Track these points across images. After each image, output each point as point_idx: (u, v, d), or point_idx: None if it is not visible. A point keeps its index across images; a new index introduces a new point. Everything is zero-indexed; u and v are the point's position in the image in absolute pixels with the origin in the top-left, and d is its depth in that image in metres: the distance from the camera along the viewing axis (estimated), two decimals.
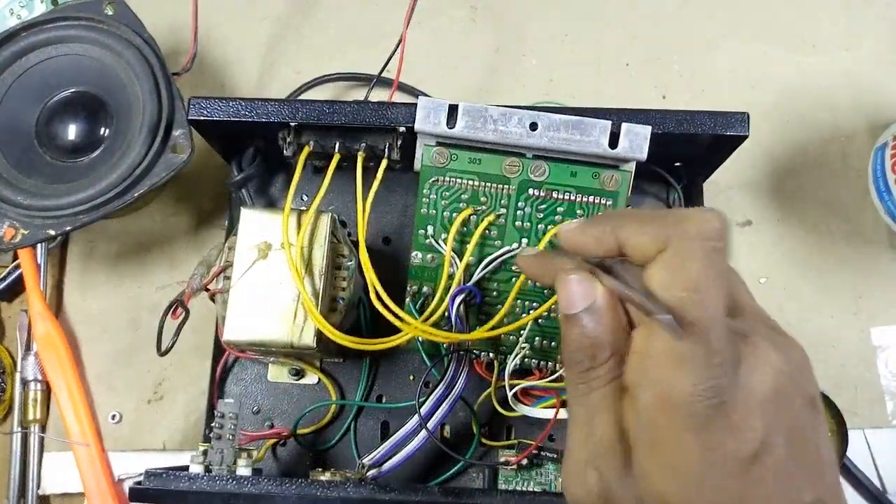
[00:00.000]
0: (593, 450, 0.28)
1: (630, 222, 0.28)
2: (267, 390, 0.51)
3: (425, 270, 0.46)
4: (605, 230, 0.29)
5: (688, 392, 0.25)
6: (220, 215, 0.55)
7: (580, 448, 0.28)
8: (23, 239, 0.47)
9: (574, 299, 0.29)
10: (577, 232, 0.30)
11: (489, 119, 0.42)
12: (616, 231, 0.28)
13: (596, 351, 0.28)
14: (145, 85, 0.48)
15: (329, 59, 0.59)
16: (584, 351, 0.28)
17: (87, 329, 0.54)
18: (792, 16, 0.59)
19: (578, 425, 0.29)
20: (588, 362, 0.28)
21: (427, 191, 0.44)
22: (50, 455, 0.52)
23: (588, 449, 0.28)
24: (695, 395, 0.25)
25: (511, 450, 0.48)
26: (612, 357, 0.28)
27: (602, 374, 0.28)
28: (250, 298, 0.43)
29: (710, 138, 0.44)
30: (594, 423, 0.28)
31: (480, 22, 0.60)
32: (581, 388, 0.29)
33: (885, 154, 0.53)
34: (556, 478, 0.47)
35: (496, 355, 0.46)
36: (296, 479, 0.41)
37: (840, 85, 0.58)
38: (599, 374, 0.28)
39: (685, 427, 0.25)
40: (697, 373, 0.25)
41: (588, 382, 0.28)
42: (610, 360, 0.28)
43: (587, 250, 0.29)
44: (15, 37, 0.49)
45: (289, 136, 0.45)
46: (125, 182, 0.46)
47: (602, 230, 0.29)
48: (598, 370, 0.28)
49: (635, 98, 0.58)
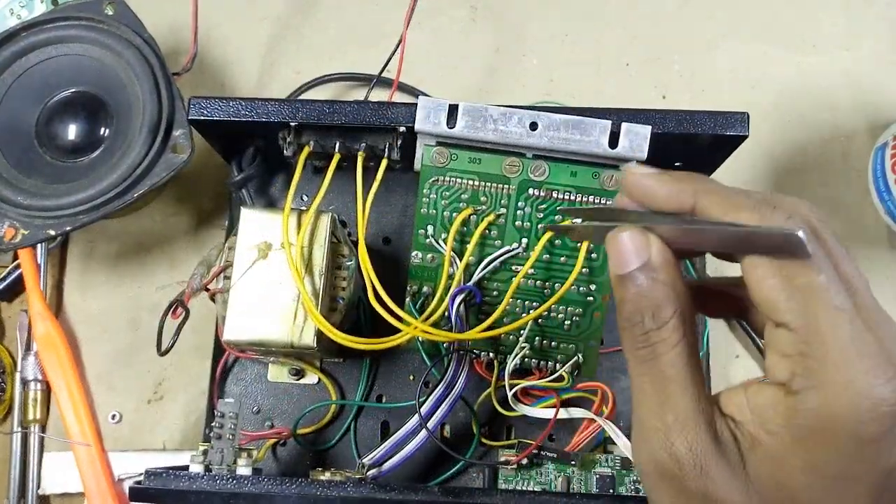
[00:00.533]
0: (674, 422, 0.26)
1: (718, 196, 0.27)
2: (267, 390, 0.51)
3: (425, 270, 0.46)
4: (685, 190, 0.27)
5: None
6: (220, 215, 0.55)
7: (655, 418, 0.27)
8: (23, 239, 0.47)
9: (627, 257, 0.27)
10: (654, 179, 0.28)
11: (489, 119, 0.42)
12: (698, 196, 0.27)
13: (657, 310, 0.26)
14: (145, 85, 0.48)
15: (329, 59, 0.59)
16: (645, 311, 0.27)
17: (87, 329, 0.54)
18: (792, 16, 0.59)
19: (647, 395, 0.27)
20: (650, 323, 0.27)
21: (427, 191, 0.44)
22: (50, 455, 0.52)
23: (666, 421, 0.26)
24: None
25: (511, 449, 0.48)
26: (676, 315, 0.26)
27: (666, 336, 0.26)
28: (250, 298, 0.43)
29: (710, 138, 0.44)
30: (668, 391, 0.26)
31: (480, 22, 0.60)
32: (642, 353, 0.27)
33: (885, 154, 0.53)
34: (557, 477, 0.47)
35: (496, 355, 0.46)
36: (296, 479, 0.41)
37: (840, 85, 0.58)
38: (664, 337, 0.26)
39: None
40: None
41: (651, 346, 0.27)
42: (673, 318, 0.26)
43: (656, 199, 0.28)
44: (15, 37, 0.49)
45: (289, 136, 0.45)
46: (125, 182, 0.46)
47: (681, 189, 0.27)
48: (662, 331, 0.26)
49: (635, 98, 0.58)
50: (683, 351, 0.26)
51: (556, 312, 0.45)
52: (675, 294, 0.27)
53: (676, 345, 0.26)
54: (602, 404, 0.46)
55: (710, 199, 0.27)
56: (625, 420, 0.50)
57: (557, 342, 0.46)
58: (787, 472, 0.25)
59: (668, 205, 0.28)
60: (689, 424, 0.26)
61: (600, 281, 0.45)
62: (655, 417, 0.27)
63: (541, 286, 0.45)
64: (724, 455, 0.26)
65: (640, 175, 0.29)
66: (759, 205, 0.26)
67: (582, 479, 0.46)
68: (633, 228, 0.27)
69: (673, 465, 0.26)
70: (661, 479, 0.27)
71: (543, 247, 0.44)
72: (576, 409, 0.46)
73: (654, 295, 0.27)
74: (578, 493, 0.46)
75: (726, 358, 0.53)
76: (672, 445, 0.26)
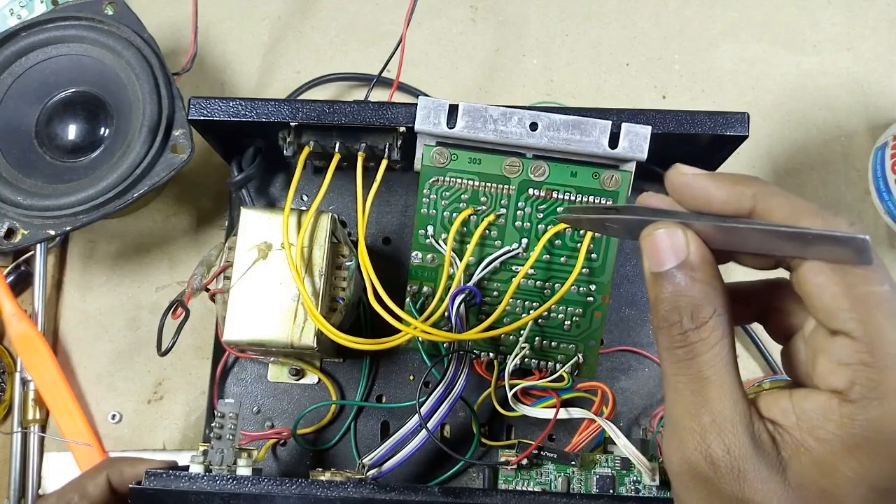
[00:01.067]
0: (711, 423, 0.26)
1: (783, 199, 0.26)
2: (267, 390, 0.51)
3: (425, 270, 0.46)
4: (745, 193, 0.26)
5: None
6: (220, 215, 0.55)
7: (691, 419, 0.26)
8: (23, 239, 0.47)
9: (664, 255, 0.26)
10: (709, 180, 0.27)
11: (489, 119, 0.42)
12: (759, 199, 0.26)
13: (696, 310, 0.26)
14: (145, 85, 0.48)
15: (329, 59, 0.59)
16: (683, 311, 0.26)
17: (87, 329, 0.54)
18: (792, 16, 0.59)
19: (683, 395, 0.26)
20: (688, 323, 0.26)
21: (427, 191, 0.44)
22: (50, 455, 0.52)
23: (702, 422, 0.26)
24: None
25: (511, 450, 0.48)
26: (716, 315, 0.26)
27: (706, 335, 0.26)
28: (250, 298, 0.43)
29: (710, 138, 0.44)
30: (705, 392, 0.26)
31: (480, 22, 0.60)
32: (680, 352, 0.26)
33: (885, 154, 0.53)
34: (557, 477, 0.47)
35: (496, 355, 0.46)
36: (296, 479, 0.41)
37: (840, 85, 0.58)
38: (703, 337, 0.26)
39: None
40: None
41: (689, 346, 0.26)
42: (713, 317, 0.26)
43: (711, 202, 0.27)
44: (15, 37, 0.49)
45: (289, 136, 0.45)
46: (125, 182, 0.46)
47: (741, 192, 0.26)
48: (702, 331, 0.26)
49: (635, 98, 0.58)
50: (722, 351, 0.26)
51: (556, 312, 0.45)
52: (715, 293, 0.26)
53: (715, 345, 0.26)
54: (602, 404, 0.46)
55: (774, 201, 0.26)
56: (625, 420, 0.50)
57: (557, 342, 0.46)
58: (835, 481, 0.25)
59: (724, 208, 0.26)
60: (726, 426, 0.25)
61: (600, 281, 0.45)
62: (691, 418, 0.26)
63: (541, 286, 0.45)
64: (763, 459, 0.25)
65: (692, 176, 0.27)
66: (823, 210, 0.25)
67: (582, 480, 0.46)
68: (669, 224, 0.27)
69: (708, 468, 0.26)
70: (693, 482, 0.26)
71: (543, 247, 0.44)
72: (576, 409, 0.46)
73: (693, 294, 0.26)
74: (578, 494, 0.46)
75: None
76: (709, 447, 0.25)
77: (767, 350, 0.52)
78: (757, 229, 0.26)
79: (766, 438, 0.26)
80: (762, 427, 0.26)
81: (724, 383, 0.26)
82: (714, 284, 0.26)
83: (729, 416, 0.25)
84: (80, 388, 0.53)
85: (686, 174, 0.27)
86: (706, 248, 0.26)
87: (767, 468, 0.25)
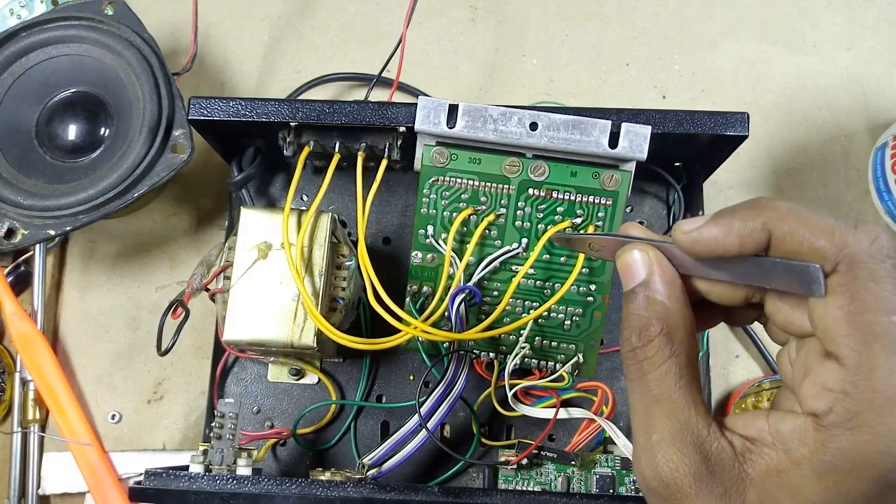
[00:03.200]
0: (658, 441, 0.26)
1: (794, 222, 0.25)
2: (267, 390, 0.51)
3: (425, 270, 0.46)
4: (755, 227, 0.25)
5: None
6: (220, 215, 0.56)
7: (643, 436, 0.27)
8: (23, 239, 0.47)
9: (629, 275, 0.28)
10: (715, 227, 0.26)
11: (489, 119, 0.42)
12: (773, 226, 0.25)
13: (644, 329, 0.27)
14: (145, 85, 0.48)
15: (329, 59, 0.59)
16: (633, 328, 0.27)
17: (87, 329, 0.54)
18: (792, 16, 0.59)
19: (637, 413, 0.27)
20: (636, 340, 0.27)
21: (427, 191, 0.44)
22: (50, 455, 0.52)
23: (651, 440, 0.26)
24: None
25: (511, 449, 0.48)
26: (661, 334, 0.27)
27: (651, 354, 0.27)
28: (250, 298, 0.43)
29: (710, 138, 0.44)
30: (653, 410, 0.27)
31: (480, 22, 0.60)
32: (632, 369, 0.27)
33: (885, 154, 0.53)
34: (557, 477, 0.47)
35: (496, 355, 0.46)
36: (296, 479, 0.41)
37: (840, 85, 0.58)
38: (648, 355, 0.27)
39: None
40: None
41: (637, 363, 0.27)
42: (659, 336, 0.27)
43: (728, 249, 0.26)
44: (15, 37, 0.49)
45: (289, 136, 0.45)
46: (125, 182, 0.46)
47: (750, 228, 0.25)
48: (647, 349, 0.27)
49: (635, 98, 0.58)
50: (671, 370, 0.26)
51: (556, 312, 0.45)
52: (668, 312, 0.27)
53: (662, 364, 0.27)
54: (602, 404, 0.46)
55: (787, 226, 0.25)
56: (625, 420, 0.50)
57: (557, 342, 0.46)
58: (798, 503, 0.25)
59: (744, 251, 0.26)
60: (674, 445, 0.26)
61: (600, 281, 0.45)
62: (643, 435, 0.27)
63: (541, 286, 0.45)
64: (716, 477, 0.25)
65: (697, 230, 0.27)
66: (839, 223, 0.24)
67: (582, 479, 0.46)
68: (640, 246, 0.28)
69: (658, 485, 0.26)
70: (651, 497, 0.27)
71: (543, 247, 0.44)
72: (576, 409, 0.46)
73: (641, 313, 0.27)
74: (578, 493, 0.46)
75: (726, 358, 0.53)
76: (657, 465, 0.26)
77: (767, 350, 0.52)
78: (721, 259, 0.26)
79: (725, 456, 0.26)
80: (723, 445, 0.26)
81: (673, 402, 0.26)
82: (670, 305, 0.27)
83: (678, 436, 0.26)
84: (79, 388, 0.53)
85: (690, 231, 0.27)
86: (672, 270, 0.27)
87: (722, 486, 0.25)
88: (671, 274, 0.27)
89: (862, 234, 0.24)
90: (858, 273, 0.23)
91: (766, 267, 0.25)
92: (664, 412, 0.26)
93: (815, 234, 0.24)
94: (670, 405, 0.26)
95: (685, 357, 0.27)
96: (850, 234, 0.24)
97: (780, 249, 0.25)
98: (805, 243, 0.24)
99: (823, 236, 0.24)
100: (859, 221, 0.24)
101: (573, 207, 0.44)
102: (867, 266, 0.23)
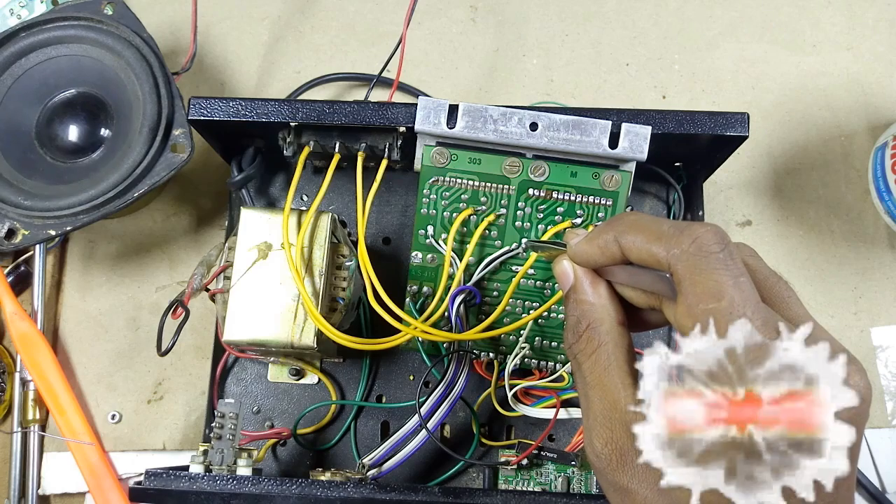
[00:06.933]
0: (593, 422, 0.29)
1: (633, 234, 0.29)
2: (267, 390, 0.51)
3: (425, 270, 0.46)
4: (608, 240, 0.30)
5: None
6: (220, 215, 0.55)
7: (585, 419, 0.30)
8: (23, 239, 0.47)
9: (561, 281, 0.32)
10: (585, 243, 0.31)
11: (489, 119, 0.42)
12: (619, 237, 0.29)
13: (576, 325, 0.31)
14: (145, 85, 0.48)
15: (329, 59, 0.59)
16: (569, 328, 0.31)
17: (87, 329, 0.54)
18: (792, 16, 0.59)
19: (581, 398, 0.31)
20: (571, 336, 0.31)
21: (427, 191, 0.44)
22: (50, 455, 0.52)
23: (588, 421, 0.30)
24: None
25: (511, 450, 0.48)
26: (589, 328, 0.30)
27: (583, 347, 0.30)
28: (250, 298, 0.43)
29: (710, 138, 0.44)
30: (588, 395, 0.30)
31: (480, 22, 0.60)
32: (572, 361, 0.31)
33: (885, 154, 0.53)
34: (557, 477, 0.47)
35: (496, 355, 0.46)
36: (296, 479, 0.41)
37: (840, 85, 0.58)
38: (581, 348, 0.30)
39: None
40: None
41: (574, 356, 0.31)
42: (587, 331, 0.30)
43: (598, 260, 0.31)
44: (15, 37, 0.49)
45: (289, 136, 0.45)
46: (125, 182, 0.46)
47: (605, 241, 0.30)
48: (580, 343, 0.30)
49: (635, 98, 0.58)
50: (599, 359, 0.30)
51: (556, 312, 0.45)
52: (593, 309, 0.31)
53: (592, 354, 0.30)
54: None
55: (629, 238, 0.29)
56: None
57: (557, 342, 0.46)
58: None
59: (607, 262, 0.30)
60: (605, 425, 0.29)
61: None
62: (584, 417, 0.30)
63: (541, 286, 0.45)
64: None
65: (576, 245, 0.32)
66: (672, 230, 0.28)
67: (582, 479, 0.46)
68: (565, 258, 0.32)
69: (595, 460, 0.29)
70: (595, 471, 0.30)
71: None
72: (576, 409, 0.46)
73: (573, 314, 0.31)
74: (578, 494, 0.46)
75: None
76: (592, 442, 0.29)
77: None
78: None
79: None
80: None
81: (604, 386, 0.29)
82: (594, 302, 0.31)
83: (607, 415, 0.29)
84: (79, 388, 0.53)
85: (570, 243, 0.32)
86: (593, 274, 0.31)
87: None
88: (593, 277, 0.31)
89: (685, 236, 0.27)
90: (685, 272, 0.26)
91: (640, 274, 0.29)
92: (597, 395, 0.29)
93: (650, 241, 0.28)
94: (601, 389, 0.29)
95: (612, 345, 0.30)
96: (674, 238, 0.27)
97: (632, 258, 0.29)
98: (644, 250, 0.28)
99: (657, 243, 0.28)
100: (689, 224, 0.27)
101: (573, 208, 0.44)
102: (691, 263, 0.26)
